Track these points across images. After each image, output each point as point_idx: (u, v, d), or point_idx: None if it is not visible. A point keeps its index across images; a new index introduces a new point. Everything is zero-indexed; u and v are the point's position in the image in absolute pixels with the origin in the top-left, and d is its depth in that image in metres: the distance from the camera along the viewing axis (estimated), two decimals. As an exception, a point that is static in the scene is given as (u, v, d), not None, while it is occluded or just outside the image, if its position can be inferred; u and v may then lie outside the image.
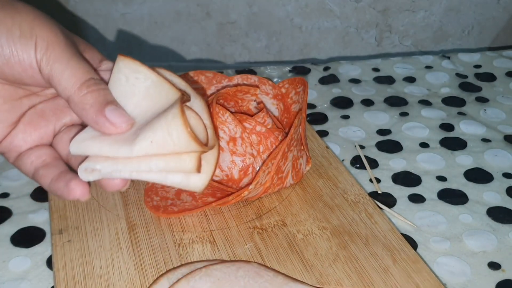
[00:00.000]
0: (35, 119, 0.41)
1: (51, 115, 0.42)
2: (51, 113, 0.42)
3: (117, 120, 0.38)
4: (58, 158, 0.42)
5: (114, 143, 0.38)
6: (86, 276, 0.42)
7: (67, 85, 0.38)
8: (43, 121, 0.42)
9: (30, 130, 0.41)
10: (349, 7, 0.96)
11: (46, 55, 0.38)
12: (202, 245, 0.45)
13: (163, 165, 0.39)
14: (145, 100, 0.40)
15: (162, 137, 0.38)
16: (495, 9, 1.00)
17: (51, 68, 0.38)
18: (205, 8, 0.93)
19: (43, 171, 0.40)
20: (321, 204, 0.50)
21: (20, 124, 0.41)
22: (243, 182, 0.49)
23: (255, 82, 0.55)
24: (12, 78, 0.39)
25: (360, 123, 0.65)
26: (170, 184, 0.40)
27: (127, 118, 0.39)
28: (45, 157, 0.41)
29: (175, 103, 0.38)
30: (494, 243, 0.48)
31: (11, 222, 0.49)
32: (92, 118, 0.38)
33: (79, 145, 0.39)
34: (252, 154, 0.49)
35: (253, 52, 0.99)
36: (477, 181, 0.56)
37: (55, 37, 0.38)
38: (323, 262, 0.44)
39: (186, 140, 0.38)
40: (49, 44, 0.38)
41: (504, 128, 0.65)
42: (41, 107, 0.42)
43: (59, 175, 0.40)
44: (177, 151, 0.38)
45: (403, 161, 0.58)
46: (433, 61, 0.80)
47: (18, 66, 0.38)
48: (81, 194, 0.39)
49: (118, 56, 0.40)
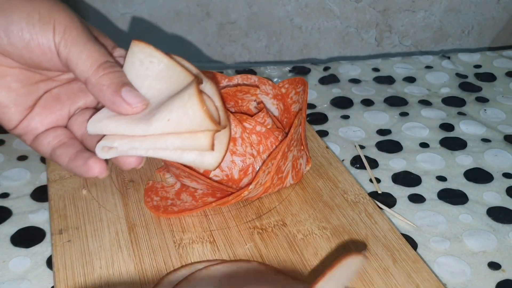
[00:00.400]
0: (51, 103, 0.43)
1: (66, 99, 0.43)
2: (66, 97, 0.43)
3: (133, 100, 0.39)
4: (74, 138, 0.43)
5: (130, 122, 0.40)
6: (86, 276, 0.42)
7: (84, 67, 0.39)
8: (59, 104, 0.43)
9: (46, 113, 0.42)
10: (349, 7, 0.96)
11: (64, 38, 0.39)
12: (202, 245, 0.45)
13: (178, 143, 0.40)
14: (159, 83, 0.41)
15: (178, 115, 0.39)
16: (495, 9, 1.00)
17: (69, 51, 0.39)
18: (205, 8, 0.93)
19: (60, 151, 0.42)
20: (321, 204, 0.50)
21: (37, 107, 0.42)
22: (243, 182, 0.49)
23: (255, 82, 0.55)
24: (31, 62, 0.40)
25: (360, 123, 0.65)
26: (185, 161, 0.41)
27: (142, 98, 0.40)
28: (61, 137, 0.43)
29: (191, 84, 0.40)
30: (494, 243, 0.48)
31: (11, 222, 0.49)
32: (109, 99, 0.39)
33: (96, 124, 0.40)
34: (252, 154, 0.49)
35: (253, 52, 0.99)
36: (477, 181, 0.56)
37: (71, 21, 0.40)
38: (323, 262, 0.44)
39: (201, 119, 0.39)
40: (67, 28, 0.39)
41: (504, 128, 0.65)
42: (56, 91, 0.43)
43: (76, 154, 0.42)
44: (192, 129, 0.40)
45: (403, 161, 0.58)
46: (433, 61, 0.80)
47: (38, 49, 0.39)
48: (99, 171, 0.41)
49: (132, 41, 0.42)
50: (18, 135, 0.43)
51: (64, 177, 0.53)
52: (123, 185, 0.52)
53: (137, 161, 0.41)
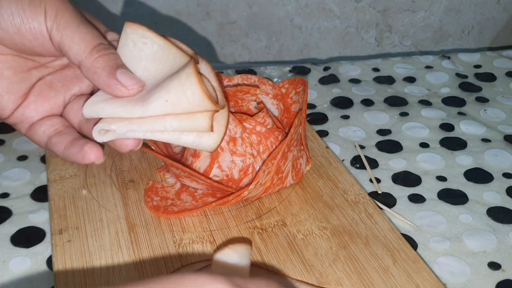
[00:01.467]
0: (45, 90, 0.42)
1: (60, 86, 0.43)
2: (60, 84, 0.43)
3: (128, 82, 0.39)
4: (70, 126, 0.43)
5: (127, 104, 0.39)
6: (86, 276, 0.42)
7: (78, 50, 0.39)
8: (53, 91, 0.42)
9: (41, 101, 0.42)
10: (349, 7, 0.96)
11: (56, 22, 0.38)
12: (202, 245, 0.45)
13: (177, 124, 0.40)
14: (153, 64, 0.41)
15: (177, 96, 0.39)
16: (495, 9, 1.00)
17: (62, 34, 0.38)
18: (205, 8, 0.93)
19: (56, 139, 0.42)
20: (321, 204, 0.50)
21: (31, 95, 0.42)
22: (243, 182, 0.49)
23: (255, 82, 0.55)
24: (22, 47, 0.40)
25: (360, 123, 0.65)
26: (184, 143, 0.41)
27: (137, 80, 0.40)
28: (57, 126, 0.42)
29: (188, 64, 0.40)
30: (494, 243, 0.48)
31: (11, 222, 0.49)
32: (104, 81, 0.39)
33: (92, 107, 0.40)
34: (252, 154, 0.49)
35: (253, 52, 0.99)
36: (477, 181, 0.56)
37: (63, 4, 0.39)
38: (323, 262, 0.44)
39: (200, 98, 0.39)
40: (58, 11, 0.39)
41: (504, 128, 0.65)
42: (50, 78, 0.43)
43: (72, 141, 0.41)
44: (191, 110, 0.39)
45: (403, 161, 0.58)
46: (433, 61, 0.80)
47: (29, 34, 0.39)
48: (95, 157, 0.41)
49: (125, 23, 0.41)
50: (13, 123, 0.43)
51: (64, 177, 0.52)
52: (123, 185, 0.52)
53: (135, 143, 0.41)
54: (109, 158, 0.55)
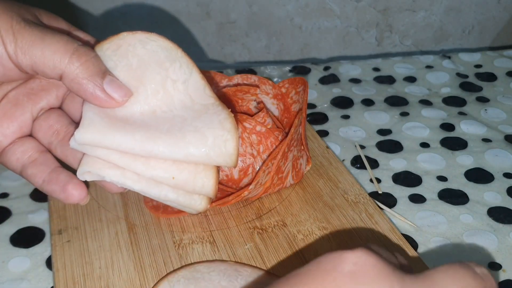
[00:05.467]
0: (10, 110, 0.39)
1: (26, 101, 0.39)
2: (26, 98, 0.39)
3: (117, 94, 0.37)
4: (44, 151, 0.40)
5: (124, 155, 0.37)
6: (85, 276, 0.42)
7: (54, 63, 0.35)
8: (19, 109, 0.39)
9: (7, 123, 0.38)
10: (349, 6, 0.96)
11: (18, 46, 0.35)
12: (202, 245, 0.45)
13: (173, 197, 0.39)
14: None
15: (186, 180, 0.38)
16: (495, 9, 1.00)
17: (30, 55, 0.35)
18: (205, 8, 0.92)
19: (32, 170, 0.39)
20: (321, 204, 0.50)
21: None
22: (243, 182, 0.49)
23: (255, 82, 0.55)
24: None
25: (361, 123, 0.65)
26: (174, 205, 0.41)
27: (125, 91, 0.37)
28: (31, 152, 0.39)
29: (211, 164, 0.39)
30: (494, 243, 0.48)
31: (11, 222, 0.49)
32: (91, 94, 0.36)
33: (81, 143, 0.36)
34: (252, 154, 0.48)
35: (253, 52, 0.99)
36: (477, 181, 0.56)
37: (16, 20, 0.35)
38: (323, 263, 0.43)
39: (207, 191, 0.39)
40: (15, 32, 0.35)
41: (505, 128, 0.64)
42: (13, 95, 0.39)
43: (51, 175, 0.39)
44: (191, 191, 0.39)
45: (403, 161, 0.58)
46: (433, 61, 0.80)
47: None
48: (79, 198, 0.38)
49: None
50: None
51: (64, 177, 0.52)
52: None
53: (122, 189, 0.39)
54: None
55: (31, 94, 0.39)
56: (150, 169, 0.38)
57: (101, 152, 0.37)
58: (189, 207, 0.40)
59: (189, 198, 0.39)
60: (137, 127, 0.37)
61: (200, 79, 0.40)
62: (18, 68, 0.36)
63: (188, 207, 0.40)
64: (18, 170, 0.39)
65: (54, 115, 0.40)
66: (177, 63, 0.39)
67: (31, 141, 0.40)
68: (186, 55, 0.40)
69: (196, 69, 0.40)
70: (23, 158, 0.39)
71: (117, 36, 0.39)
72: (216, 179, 0.38)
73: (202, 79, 0.40)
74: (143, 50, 0.39)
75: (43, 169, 0.39)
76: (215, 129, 0.38)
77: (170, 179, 0.38)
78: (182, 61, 0.39)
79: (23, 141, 0.39)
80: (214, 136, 0.38)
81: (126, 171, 0.38)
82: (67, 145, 0.38)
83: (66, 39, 0.36)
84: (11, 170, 0.40)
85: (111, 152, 0.37)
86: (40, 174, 0.39)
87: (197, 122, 0.38)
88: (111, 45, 0.39)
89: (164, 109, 0.39)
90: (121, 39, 0.39)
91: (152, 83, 0.39)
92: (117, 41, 0.39)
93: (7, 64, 0.36)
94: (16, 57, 0.35)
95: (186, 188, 0.38)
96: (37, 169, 0.39)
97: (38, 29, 0.36)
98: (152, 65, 0.39)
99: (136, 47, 0.39)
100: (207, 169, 0.38)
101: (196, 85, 0.39)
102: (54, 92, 0.40)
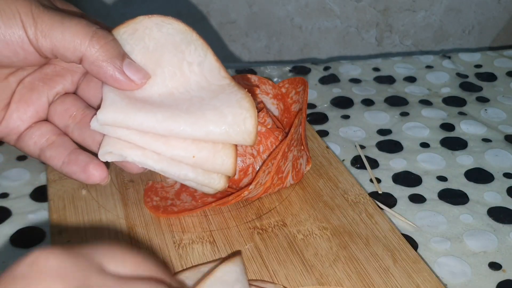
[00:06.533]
0: (26, 94, 0.39)
1: (41, 86, 0.40)
2: (41, 83, 0.40)
3: (136, 76, 0.37)
4: (61, 134, 0.40)
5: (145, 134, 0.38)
6: (85, 276, 0.42)
7: (75, 45, 0.36)
8: (35, 94, 0.40)
9: (24, 107, 0.39)
10: (349, 6, 0.96)
11: (39, 29, 0.35)
12: (202, 245, 0.45)
13: (192, 176, 0.39)
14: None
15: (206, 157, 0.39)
16: (495, 8, 1.00)
17: (51, 38, 0.35)
18: (205, 8, 0.93)
19: (51, 152, 0.39)
20: (321, 204, 0.50)
21: (12, 103, 0.39)
22: (243, 182, 0.49)
23: (255, 82, 0.55)
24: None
25: (361, 123, 0.65)
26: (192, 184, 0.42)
27: (144, 73, 0.38)
28: (48, 135, 0.40)
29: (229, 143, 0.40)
30: (494, 243, 0.48)
31: (11, 223, 0.49)
32: (111, 76, 0.37)
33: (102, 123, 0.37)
34: (252, 154, 0.48)
35: (253, 52, 0.99)
36: (477, 181, 0.55)
37: (35, 6, 0.36)
38: (323, 263, 0.44)
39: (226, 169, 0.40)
40: (35, 16, 0.35)
41: (505, 128, 0.64)
42: (29, 80, 0.40)
43: (70, 156, 0.39)
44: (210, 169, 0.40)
45: (403, 161, 0.58)
46: (433, 61, 0.80)
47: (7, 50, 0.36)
48: (100, 178, 0.39)
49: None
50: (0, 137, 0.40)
51: (64, 177, 0.52)
52: (123, 185, 0.52)
53: (143, 169, 0.39)
54: (109, 158, 0.55)
55: (46, 79, 0.40)
56: (171, 149, 0.38)
57: (122, 133, 0.38)
58: (208, 186, 0.41)
59: (208, 177, 0.40)
60: (157, 107, 0.38)
61: (215, 61, 0.41)
62: (38, 52, 0.36)
63: (207, 185, 0.41)
64: (36, 154, 0.40)
65: (69, 99, 0.40)
66: (192, 46, 0.40)
67: (48, 125, 0.40)
68: (200, 38, 0.41)
69: (210, 51, 0.41)
70: (41, 141, 0.39)
71: (133, 20, 0.40)
72: (235, 157, 0.39)
73: (216, 61, 0.41)
74: (159, 33, 0.40)
75: (61, 151, 0.39)
76: (233, 108, 0.39)
77: (190, 158, 0.38)
78: (197, 44, 0.40)
79: (39, 125, 0.40)
80: (233, 114, 0.39)
81: (147, 151, 0.38)
82: (85, 127, 0.39)
83: (85, 22, 0.37)
84: (28, 154, 0.40)
85: (132, 133, 0.38)
86: (59, 156, 0.39)
87: (215, 101, 0.39)
88: (127, 29, 0.40)
89: (181, 90, 0.39)
90: (138, 23, 0.40)
91: (169, 66, 0.40)
92: (133, 25, 0.40)
93: (27, 48, 0.36)
94: (36, 40, 0.35)
95: (206, 167, 0.39)
96: (56, 151, 0.39)
97: (57, 13, 0.36)
98: (168, 48, 0.40)
99: (152, 30, 0.40)
100: (226, 147, 0.39)
101: (211, 67, 0.40)
102: (69, 78, 0.41)
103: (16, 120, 0.39)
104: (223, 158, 0.39)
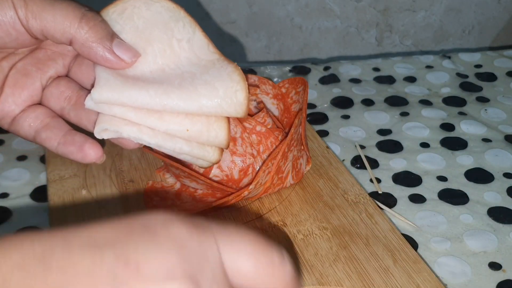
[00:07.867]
0: (20, 79, 0.40)
1: (35, 71, 0.41)
2: (34, 68, 0.41)
3: (126, 55, 0.38)
4: (55, 116, 0.41)
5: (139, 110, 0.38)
6: (85, 276, 0.42)
7: (64, 27, 0.37)
8: (28, 79, 0.40)
9: (18, 92, 0.40)
10: (349, 6, 0.96)
11: (29, 10, 0.36)
12: (202, 245, 0.45)
13: (187, 149, 0.40)
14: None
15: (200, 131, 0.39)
16: (495, 9, 1.00)
17: (41, 19, 0.37)
18: (205, 8, 0.93)
19: (46, 134, 0.40)
20: (321, 204, 0.50)
21: (6, 88, 0.40)
22: (243, 182, 0.49)
23: (255, 82, 0.54)
24: None
25: (361, 123, 0.65)
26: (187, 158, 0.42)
27: (133, 52, 0.39)
28: (42, 117, 0.40)
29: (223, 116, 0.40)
30: (494, 243, 0.48)
31: (11, 223, 0.49)
32: (101, 56, 0.38)
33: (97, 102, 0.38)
34: (252, 154, 0.48)
35: (253, 52, 0.99)
36: (477, 181, 0.55)
37: None
38: (323, 263, 0.44)
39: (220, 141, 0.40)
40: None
41: (505, 128, 0.64)
42: (21, 65, 0.40)
43: (66, 137, 0.40)
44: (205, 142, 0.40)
45: (403, 161, 0.58)
46: (433, 61, 0.80)
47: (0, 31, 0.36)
48: (96, 157, 0.40)
49: None
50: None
51: (64, 177, 0.52)
52: (123, 185, 0.52)
53: (138, 145, 0.40)
54: (109, 158, 0.55)
55: (38, 64, 0.41)
56: (165, 123, 0.39)
57: (117, 110, 0.38)
58: (202, 159, 0.41)
59: (203, 150, 0.41)
60: (149, 83, 0.39)
61: (203, 37, 0.42)
62: (29, 32, 0.37)
63: (202, 158, 0.41)
64: (31, 136, 0.41)
65: (63, 82, 0.41)
66: (181, 23, 0.41)
67: (42, 108, 0.41)
68: (188, 15, 0.42)
69: (198, 27, 0.42)
70: (36, 123, 0.40)
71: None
72: (228, 129, 0.40)
73: (205, 37, 0.42)
74: (148, 12, 0.41)
75: (56, 132, 0.40)
76: (224, 81, 0.40)
77: (185, 132, 0.39)
78: (185, 21, 0.41)
79: (33, 108, 0.41)
80: (224, 87, 0.39)
81: (142, 126, 0.39)
82: (81, 108, 0.40)
83: (74, 4, 0.38)
84: (23, 137, 0.41)
85: (126, 109, 0.38)
86: (55, 137, 0.40)
87: (206, 76, 0.40)
88: (116, 9, 0.40)
89: (172, 66, 0.40)
90: (126, 2, 0.41)
91: (159, 43, 0.41)
92: (122, 4, 0.41)
93: (19, 28, 0.37)
94: (26, 21, 0.36)
95: (200, 140, 0.40)
96: (51, 132, 0.40)
97: None
98: (157, 26, 0.41)
99: (141, 9, 0.41)
100: (219, 120, 0.40)
101: (200, 43, 0.41)
102: (60, 61, 0.42)
103: (11, 104, 0.40)
104: (216, 130, 0.40)
